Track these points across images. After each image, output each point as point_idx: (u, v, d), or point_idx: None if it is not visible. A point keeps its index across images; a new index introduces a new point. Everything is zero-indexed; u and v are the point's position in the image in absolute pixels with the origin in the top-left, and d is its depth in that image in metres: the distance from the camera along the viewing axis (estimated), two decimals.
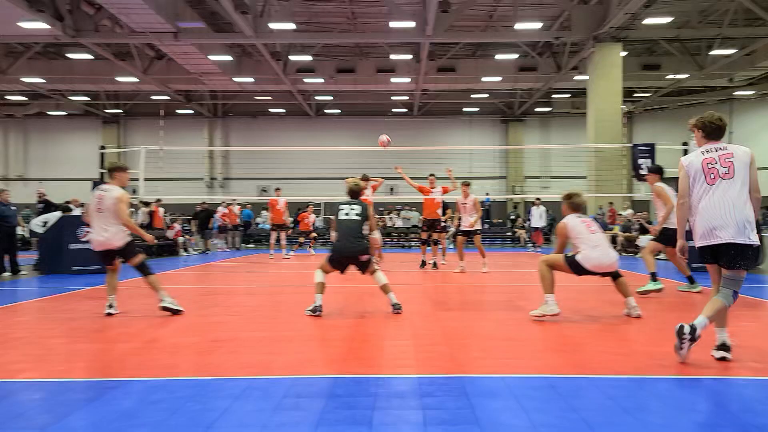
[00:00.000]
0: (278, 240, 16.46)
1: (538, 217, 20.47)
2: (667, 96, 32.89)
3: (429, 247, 12.70)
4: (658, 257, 8.40)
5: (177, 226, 19.41)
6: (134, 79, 27.01)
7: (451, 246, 14.55)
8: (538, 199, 21.35)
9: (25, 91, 30.90)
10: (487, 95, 33.49)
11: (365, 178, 11.85)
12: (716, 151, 4.38)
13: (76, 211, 14.58)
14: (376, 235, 12.35)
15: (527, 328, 5.68)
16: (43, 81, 27.47)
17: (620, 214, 19.56)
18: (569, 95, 33.82)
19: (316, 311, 6.30)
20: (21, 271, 11.84)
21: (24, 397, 3.61)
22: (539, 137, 36.02)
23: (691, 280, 8.37)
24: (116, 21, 20.20)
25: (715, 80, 29.23)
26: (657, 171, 8.57)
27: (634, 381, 3.81)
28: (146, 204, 19.57)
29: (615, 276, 6.32)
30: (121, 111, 35.26)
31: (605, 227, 19.68)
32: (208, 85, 28.70)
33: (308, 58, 26.28)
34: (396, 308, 6.51)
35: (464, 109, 35.60)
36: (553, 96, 34.07)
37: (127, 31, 20.46)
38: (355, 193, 7.01)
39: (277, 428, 3.00)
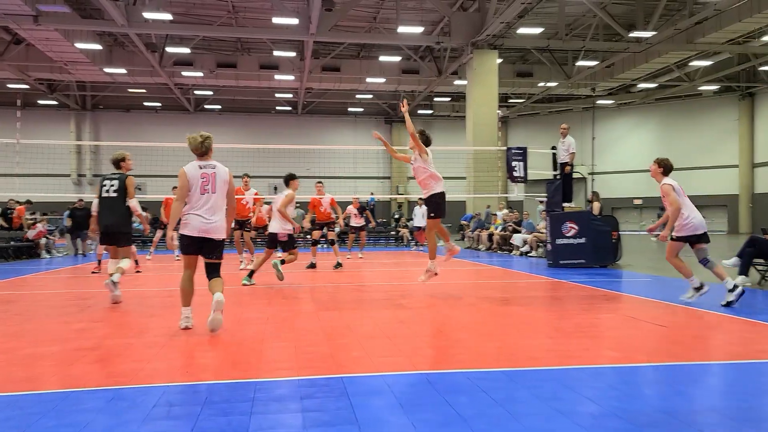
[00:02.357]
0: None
1: (421, 217, 20.97)
2: (538, 102, 35.06)
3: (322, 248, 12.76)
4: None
5: (39, 226, 17.82)
6: None
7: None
8: (420, 199, 21.88)
9: None
10: (371, 96, 33.93)
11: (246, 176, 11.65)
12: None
13: None
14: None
15: (407, 326, 5.78)
16: None
17: (495, 214, 20.55)
18: (450, 99, 35.07)
19: None
20: None
21: None
22: None
23: None
24: None
25: (580, 89, 31.56)
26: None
27: (505, 374, 3.98)
28: None
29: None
30: None
31: (484, 226, 20.56)
32: (74, 74, 26.68)
33: (186, 50, 25.21)
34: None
35: (349, 109, 35.83)
36: (435, 99, 35.17)
37: None
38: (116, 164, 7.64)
39: None
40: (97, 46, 23.62)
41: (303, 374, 3.97)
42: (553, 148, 13.43)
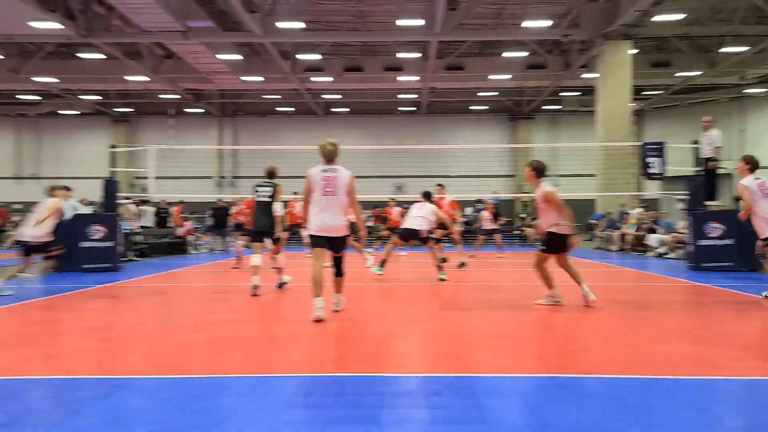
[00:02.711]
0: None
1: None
2: (677, 94, 32.67)
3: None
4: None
5: (188, 224, 19.50)
6: (144, 78, 27.12)
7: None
8: None
9: (37, 91, 31.11)
10: (495, 93, 33.41)
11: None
12: None
13: (86, 210, 14.71)
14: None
15: (533, 328, 5.67)
16: (56, 80, 27.64)
17: (628, 213, 19.45)
18: (578, 93, 33.65)
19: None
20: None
21: (35, 395, 3.65)
22: (548, 135, 35.89)
23: None
24: (127, 20, 20.30)
25: (726, 78, 29.00)
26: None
27: (640, 381, 3.79)
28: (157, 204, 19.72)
29: None
30: (131, 110, 35.45)
31: (615, 226, 19.55)
32: (217, 84, 28.79)
33: (316, 56, 26.31)
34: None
35: (472, 108, 35.53)
36: (562, 94, 33.93)
37: (137, 31, 20.57)
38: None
39: (285, 426, 3.02)
40: (237, 57, 25.32)
41: (430, 372, 4.04)
42: (695, 142, 12.50)
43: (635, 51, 22.95)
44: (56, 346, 4.99)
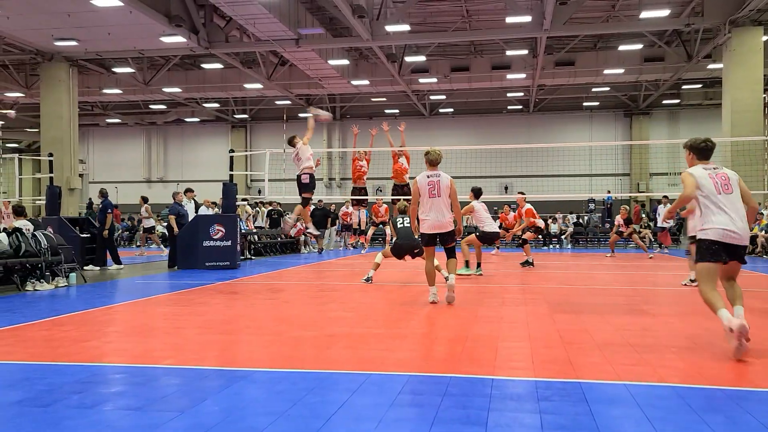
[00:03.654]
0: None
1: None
2: None
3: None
4: None
5: (299, 225, 20.26)
6: (259, 86, 28.56)
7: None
8: (665, 197, 20.03)
9: (164, 100, 33.66)
10: (608, 88, 31.94)
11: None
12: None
13: (209, 211, 15.69)
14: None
15: (651, 334, 5.38)
16: (180, 90, 29.79)
17: (761, 213, 17.88)
18: (701, 85, 31.42)
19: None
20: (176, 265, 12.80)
21: (165, 382, 3.97)
22: (667, 131, 33.80)
23: None
24: (244, 31, 21.47)
25: None
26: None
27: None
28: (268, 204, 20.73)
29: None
30: (247, 116, 37.44)
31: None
32: (327, 88, 29.73)
33: (422, 58, 26.44)
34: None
35: (584, 104, 34.18)
36: (683, 87, 31.81)
37: (253, 41, 21.70)
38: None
39: (394, 423, 3.07)
40: (345, 62, 26.01)
41: (539, 376, 3.96)
42: None
43: (767, 38, 21.08)
44: (182, 338, 5.39)
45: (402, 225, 9.22)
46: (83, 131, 34.08)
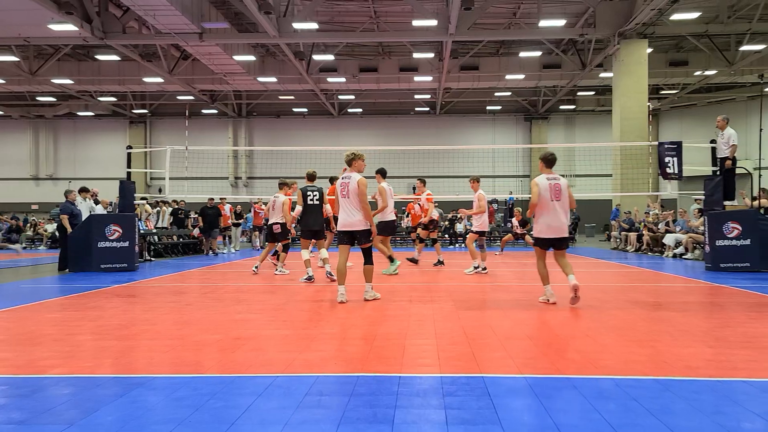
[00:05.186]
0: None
1: None
2: (695, 93, 32.32)
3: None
4: None
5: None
6: (160, 80, 27.39)
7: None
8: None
9: (54, 92, 31.53)
10: (510, 93, 33.29)
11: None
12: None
13: (103, 210, 14.85)
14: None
15: (549, 328, 5.63)
16: (72, 82, 28.00)
17: (646, 213, 19.26)
18: (594, 93, 33.44)
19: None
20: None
21: (53, 393, 3.69)
22: (564, 135, 35.70)
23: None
24: (143, 22, 20.50)
25: (745, 76, 28.66)
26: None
27: (658, 382, 3.75)
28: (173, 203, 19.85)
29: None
30: (147, 111, 35.79)
31: (634, 227, 19.32)
32: (232, 85, 28.99)
33: (331, 57, 26.38)
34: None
35: (487, 108, 35.44)
36: (578, 93, 33.73)
37: (153, 33, 20.77)
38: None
39: (300, 426, 3.02)
40: (252, 58, 25.47)
41: (445, 372, 4.03)
42: (713, 141, 12.34)
43: (651, 50, 22.76)
44: (74, 345, 5.04)
45: (312, 200, 9.58)
46: None
